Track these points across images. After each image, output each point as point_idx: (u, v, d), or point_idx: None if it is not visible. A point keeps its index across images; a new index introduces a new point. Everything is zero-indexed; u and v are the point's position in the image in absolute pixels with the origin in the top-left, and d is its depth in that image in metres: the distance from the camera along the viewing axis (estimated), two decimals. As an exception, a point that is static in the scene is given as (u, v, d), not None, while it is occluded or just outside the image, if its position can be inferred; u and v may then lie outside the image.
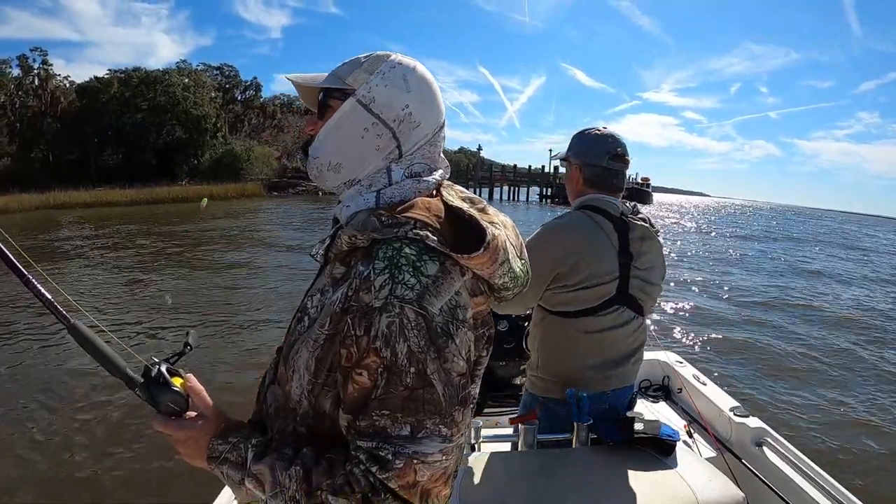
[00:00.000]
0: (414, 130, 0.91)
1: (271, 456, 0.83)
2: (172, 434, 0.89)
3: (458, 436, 0.80)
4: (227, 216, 25.07)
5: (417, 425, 0.76)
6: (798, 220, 56.97)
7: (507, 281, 0.90)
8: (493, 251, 0.84)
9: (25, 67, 46.51)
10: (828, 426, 4.95)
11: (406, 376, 0.76)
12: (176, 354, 0.95)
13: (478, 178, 59.55)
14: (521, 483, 1.51)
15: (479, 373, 0.92)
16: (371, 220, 0.83)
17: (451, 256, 0.81)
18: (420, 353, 0.76)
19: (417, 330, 0.76)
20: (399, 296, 0.76)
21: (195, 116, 47.41)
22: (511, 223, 0.99)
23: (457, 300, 0.81)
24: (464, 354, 0.81)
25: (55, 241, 16.67)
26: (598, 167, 1.85)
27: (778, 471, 2.11)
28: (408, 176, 0.92)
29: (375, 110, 0.89)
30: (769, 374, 6.23)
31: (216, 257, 13.67)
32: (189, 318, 7.84)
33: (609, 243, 1.78)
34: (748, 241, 24.33)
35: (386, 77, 0.90)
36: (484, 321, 0.89)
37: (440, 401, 0.77)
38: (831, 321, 9.12)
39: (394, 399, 0.76)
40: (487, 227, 0.84)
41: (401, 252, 0.79)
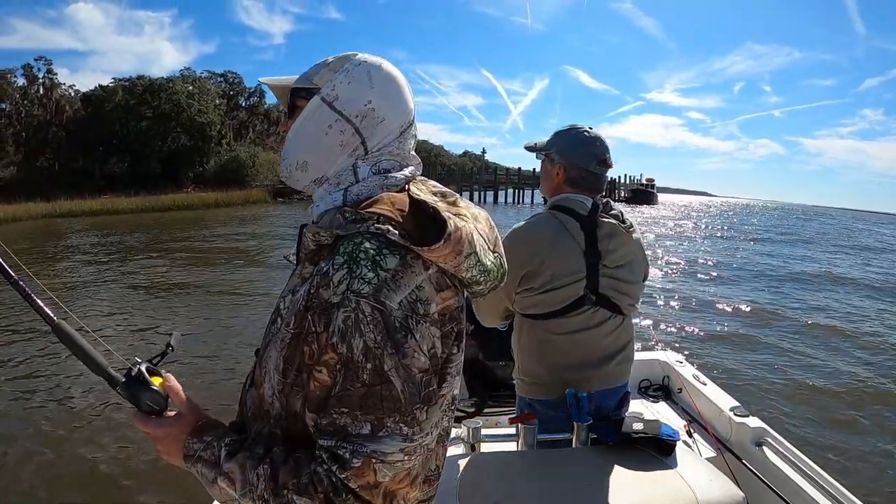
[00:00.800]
0: (378, 126, 0.91)
1: (242, 454, 0.82)
2: (151, 432, 0.90)
3: (420, 435, 0.78)
4: (232, 223, 25.15)
5: (377, 423, 0.75)
6: (805, 219, 56.47)
7: (475, 274, 0.88)
8: (456, 243, 0.82)
9: (30, 77, 46.90)
10: (828, 426, 4.92)
11: (363, 372, 0.74)
12: (158, 355, 0.96)
13: (482, 181, 59.50)
14: (520, 483, 1.51)
15: (452, 371, 0.88)
16: (336, 217, 0.83)
17: (413, 250, 0.79)
18: (377, 349, 0.74)
19: (374, 325, 0.74)
20: (355, 290, 0.75)
21: (200, 123, 47.58)
22: (485, 216, 0.97)
23: (417, 294, 0.79)
24: (425, 350, 0.79)
25: (56, 248, 16.80)
26: (584, 171, 1.83)
27: (778, 471, 2.10)
28: (375, 173, 0.91)
29: (338, 107, 0.90)
30: (770, 373, 6.20)
31: (215, 263, 13.67)
32: (179, 321, 7.83)
33: (574, 243, 1.76)
34: (755, 242, 24.19)
35: (350, 74, 0.90)
36: (451, 316, 0.86)
37: (399, 398, 0.75)
38: (832, 322, 9.07)
39: (351, 396, 0.75)
40: (449, 218, 0.82)
41: (360, 247, 0.78)
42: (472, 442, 1.82)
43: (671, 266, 14.82)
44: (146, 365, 0.92)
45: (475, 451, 1.79)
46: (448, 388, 0.87)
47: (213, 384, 5.39)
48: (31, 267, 4.20)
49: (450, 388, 0.88)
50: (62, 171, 44.30)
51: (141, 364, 0.92)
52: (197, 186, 43.64)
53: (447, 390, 0.87)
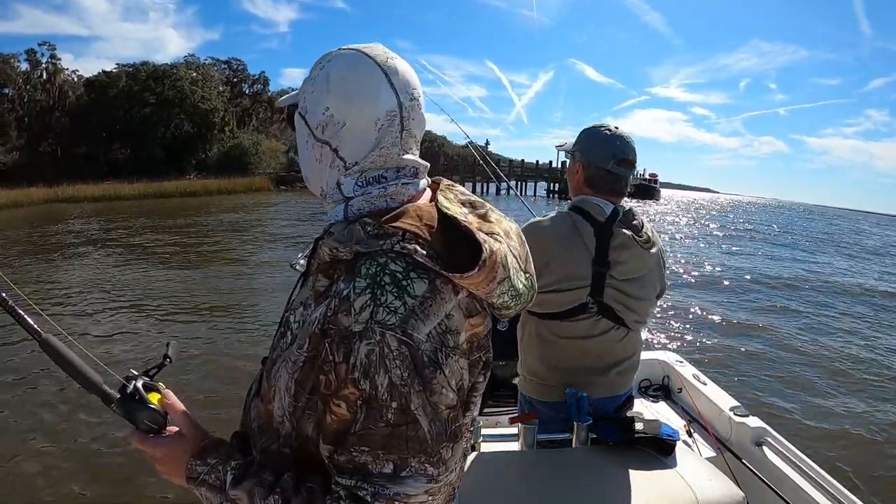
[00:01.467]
0: (341, 132, 0.82)
1: (250, 481, 0.77)
2: (150, 452, 0.85)
3: (445, 474, 0.73)
4: (234, 210, 25.13)
5: (401, 463, 0.69)
6: (809, 219, 56.26)
7: (507, 300, 0.80)
8: (491, 269, 0.74)
9: (34, 62, 46.80)
10: (828, 426, 4.92)
11: (387, 412, 0.68)
12: (155, 367, 0.92)
13: (485, 172, 59.30)
14: (520, 483, 1.52)
15: (476, 399, 0.82)
16: (356, 229, 0.76)
17: (442, 274, 0.72)
18: (403, 387, 0.68)
19: (401, 360, 0.68)
20: (380, 321, 0.68)
21: (203, 110, 47.48)
22: (516, 230, 0.89)
23: (447, 324, 0.72)
24: (454, 385, 0.73)
25: (52, 236, 16.70)
26: (601, 170, 1.79)
27: (778, 471, 2.10)
28: (363, 185, 0.83)
29: (308, 120, 0.84)
30: (770, 373, 6.20)
31: (215, 256, 13.37)
32: (177, 323, 7.56)
33: (584, 248, 1.73)
34: (760, 243, 24.15)
35: (314, 82, 0.84)
36: (480, 344, 0.79)
37: (426, 438, 0.70)
38: (833, 321, 9.07)
39: (374, 436, 0.69)
40: (485, 241, 0.74)
41: (385, 269, 0.71)
42: (472, 442, 1.82)
43: (671, 265, 14.80)
44: (142, 381, 0.87)
45: (475, 451, 1.79)
46: (470, 414, 0.81)
47: (213, 393, 5.19)
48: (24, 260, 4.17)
49: (472, 413, 0.82)
50: (65, 157, 44.29)
51: (136, 379, 0.87)
52: (200, 173, 43.64)
53: (469, 416, 0.81)
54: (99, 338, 6.75)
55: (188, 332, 7.13)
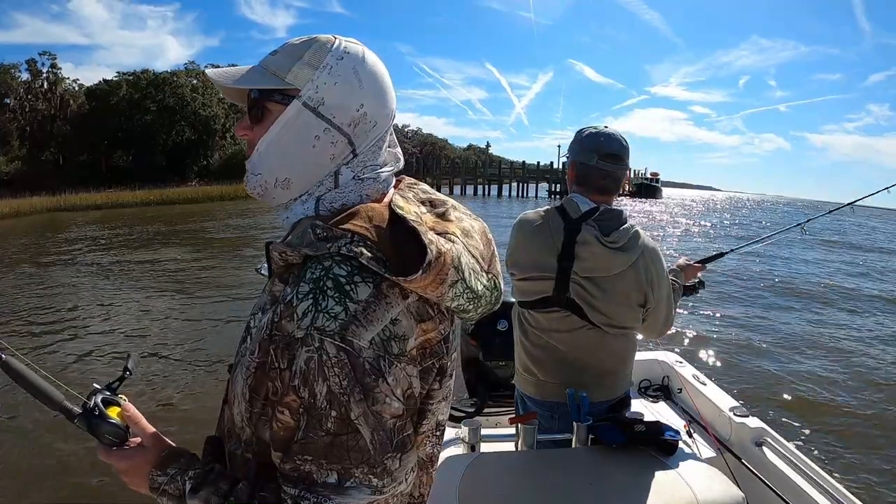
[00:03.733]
0: (370, 131, 0.80)
1: (207, 490, 0.75)
2: (114, 464, 0.85)
3: (391, 485, 0.71)
4: (235, 216, 25.16)
5: (344, 473, 0.67)
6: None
7: (462, 303, 0.77)
8: (439, 271, 0.71)
9: (34, 71, 46.99)
10: (828, 426, 4.90)
11: (326, 420, 0.67)
12: (116, 380, 0.91)
13: (487, 174, 59.52)
14: (520, 483, 1.52)
15: (433, 407, 0.80)
16: (307, 232, 0.73)
17: (388, 278, 0.69)
18: (342, 395, 0.66)
19: (339, 367, 0.66)
20: (319, 327, 0.66)
21: (204, 117, 47.69)
22: (480, 229, 0.86)
23: (392, 330, 0.70)
24: (399, 394, 0.70)
25: (57, 245, 16.76)
26: (586, 165, 1.82)
27: (778, 471, 2.10)
28: (357, 178, 0.81)
29: (326, 114, 0.77)
30: (770, 374, 6.17)
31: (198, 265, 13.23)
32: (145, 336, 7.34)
33: (551, 242, 1.78)
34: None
35: (334, 72, 0.77)
36: (433, 351, 0.76)
37: (368, 448, 0.68)
38: (833, 321, 9.05)
39: (315, 445, 0.67)
40: (431, 242, 0.71)
41: (329, 273, 0.69)
42: (472, 442, 1.82)
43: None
44: (101, 396, 0.87)
45: (475, 451, 1.79)
46: (431, 418, 0.80)
47: (188, 399, 5.09)
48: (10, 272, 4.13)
49: (434, 416, 0.81)
50: (67, 165, 44.50)
51: (97, 394, 0.87)
52: (201, 180, 43.75)
53: (430, 421, 0.80)
54: (71, 350, 6.67)
55: (168, 337, 7.09)
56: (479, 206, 39.07)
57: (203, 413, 4.55)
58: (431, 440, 0.84)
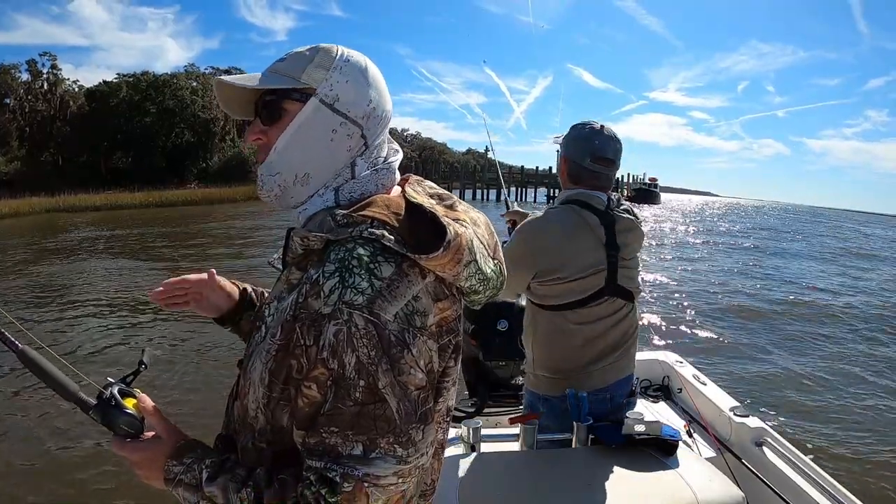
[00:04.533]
0: (379, 124, 0.88)
1: (224, 477, 0.77)
2: (128, 456, 0.86)
3: (415, 456, 0.73)
4: (232, 219, 25.14)
5: (370, 444, 0.70)
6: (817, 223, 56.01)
7: (474, 283, 0.82)
8: (456, 251, 0.76)
9: (34, 72, 46.89)
10: (828, 426, 4.91)
11: (355, 390, 0.69)
12: (131, 373, 0.92)
13: (486, 179, 59.55)
14: (520, 483, 1.52)
15: (447, 385, 0.84)
16: (326, 220, 0.78)
17: (409, 257, 0.74)
18: (370, 366, 0.69)
19: (368, 339, 0.69)
20: (348, 301, 0.69)
21: (204, 119, 47.65)
22: (484, 220, 0.91)
23: (414, 305, 0.74)
24: (422, 365, 0.74)
25: (51, 246, 16.71)
26: (578, 165, 1.87)
27: (778, 471, 2.10)
28: (371, 169, 0.87)
29: (342, 109, 0.83)
30: (770, 374, 6.19)
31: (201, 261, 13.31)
32: (158, 329, 7.52)
33: (594, 237, 1.80)
34: (757, 244, 24.09)
35: (345, 72, 0.84)
36: (449, 328, 0.81)
37: (394, 418, 0.70)
38: (834, 321, 9.06)
39: (343, 415, 0.70)
40: (449, 224, 0.77)
41: (353, 253, 0.73)
42: (472, 442, 1.82)
43: (672, 267, 14.80)
44: (118, 387, 0.88)
45: (475, 451, 1.79)
46: (443, 402, 0.84)
47: (194, 398, 5.11)
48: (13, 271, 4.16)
49: (445, 401, 0.84)
50: (66, 167, 44.38)
51: (113, 386, 0.88)
52: (201, 182, 43.73)
53: (442, 404, 0.83)
54: (82, 345, 6.75)
55: (175, 336, 7.14)
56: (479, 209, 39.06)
57: (212, 409, 4.50)
58: (443, 426, 0.86)
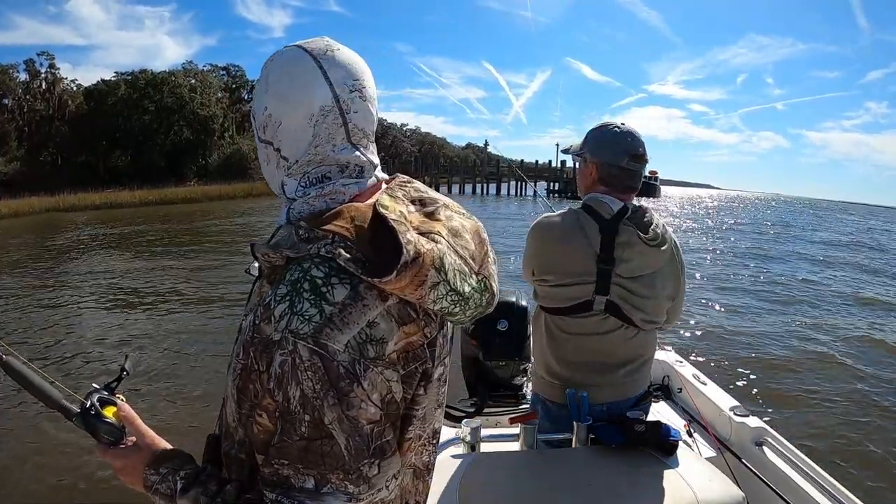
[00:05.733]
0: (279, 131, 0.80)
1: (196, 490, 0.76)
2: (111, 463, 0.87)
3: (368, 493, 0.70)
4: (236, 216, 25.12)
5: (321, 479, 0.67)
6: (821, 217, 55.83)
7: (446, 305, 0.75)
8: (417, 272, 0.69)
9: (32, 72, 46.90)
10: (828, 426, 4.90)
11: (300, 425, 0.66)
12: (114, 380, 0.93)
13: (485, 173, 59.61)
14: (520, 483, 1.52)
15: (419, 413, 0.79)
16: (291, 233, 0.73)
17: (364, 280, 0.69)
18: (315, 399, 0.66)
19: (312, 371, 0.65)
20: (294, 330, 0.66)
21: (202, 117, 47.62)
22: (472, 228, 0.84)
23: (369, 333, 0.69)
24: (376, 399, 0.69)
25: (49, 246, 16.73)
26: (616, 167, 1.78)
27: (778, 470, 2.10)
28: (304, 185, 0.80)
29: (254, 121, 0.84)
30: (770, 374, 6.17)
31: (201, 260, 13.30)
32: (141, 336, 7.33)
33: (587, 245, 1.72)
34: (760, 240, 24.03)
35: (258, 83, 0.83)
36: (415, 355, 0.75)
37: (342, 454, 0.67)
38: (834, 321, 9.05)
39: (290, 449, 0.67)
40: (409, 242, 0.70)
41: (307, 274, 0.69)
42: (472, 442, 1.81)
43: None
44: (98, 396, 0.89)
45: (475, 451, 1.79)
46: (417, 428, 0.79)
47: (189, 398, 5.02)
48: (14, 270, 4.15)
49: (424, 424, 0.80)
50: (65, 166, 44.40)
51: (94, 394, 0.89)
52: (200, 180, 43.72)
53: (416, 431, 0.79)
54: (73, 348, 6.70)
55: (167, 340, 7.06)
56: (478, 204, 39.13)
57: (206, 412, 4.50)
58: (428, 448, 0.84)
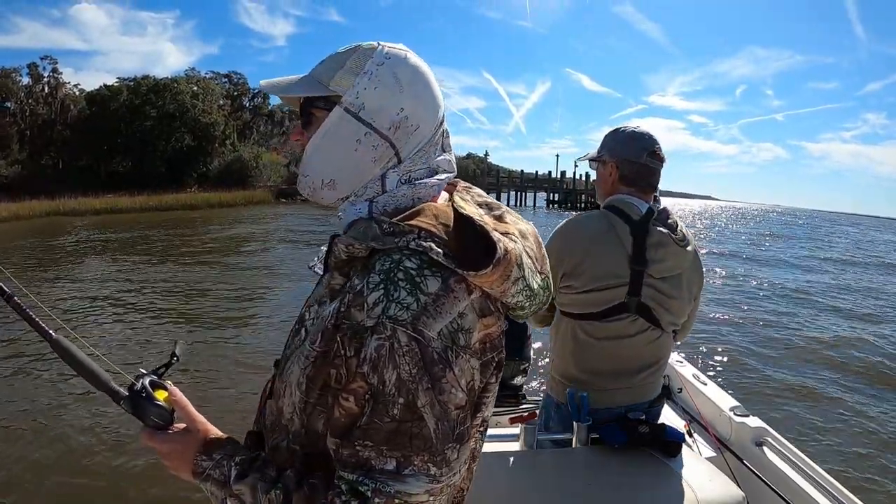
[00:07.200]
0: (413, 134, 0.82)
1: (254, 476, 0.77)
2: (158, 448, 0.86)
3: (448, 475, 0.72)
4: (235, 224, 25.13)
5: (404, 461, 0.69)
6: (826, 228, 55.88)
7: (521, 300, 0.80)
8: (506, 267, 0.74)
9: (35, 76, 46.96)
10: (829, 426, 4.91)
11: (394, 407, 0.68)
12: (163, 366, 0.92)
13: (485, 183, 59.72)
14: (520, 483, 1.52)
15: (487, 401, 0.81)
16: (372, 227, 0.76)
17: (456, 272, 0.72)
18: (411, 383, 0.68)
19: (410, 356, 0.68)
20: (392, 316, 0.68)
21: (204, 124, 47.60)
22: (532, 231, 0.88)
23: (459, 323, 0.72)
24: (464, 385, 0.72)
25: (57, 247, 16.79)
26: (637, 164, 1.80)
27: (778, 470, 2.10)
28: (404, 182, 0.83)
29: (366, 118, 0.80)
30: (770, 373, 6.19)
31: (218, 263, 13.57)
32: (186, 326, 7.71)
33: (620, 247, 1.71)
34: (760, 245, 24.09)
35: (374, 77, 0.80)
36: (493, 345, 0.78)
37: (430, 437, 0.69)
38: (834, 321, 9.06)
39: (379, 430, 0.69)
40: (499, 239, 0.74)
41: (399, 265, 0.71)
42: None
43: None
44: (149, 378, 0.88)
45: None
46: (480, 415, 0.81)
47: (223, 394, 5.18)
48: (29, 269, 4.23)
49: (482, 414, 0.82)
50: (67, 170, 44.36)
51: (144, 377, 0.88)
52: (200, 186, 43.72)
53: (479, 417, 0.81)
54: (110, 338, 6.98)
55: (197, 334, 7.30)
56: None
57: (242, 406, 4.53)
58: (477, 435, 0.84)
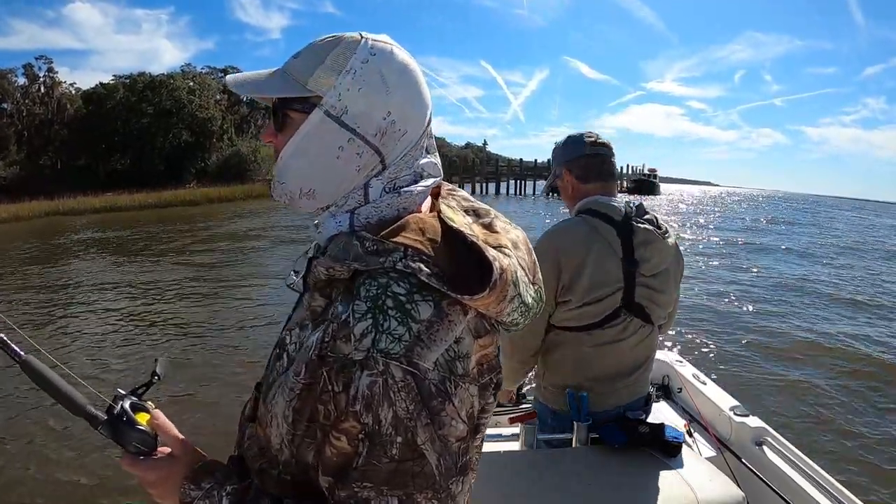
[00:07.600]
0: (400, 140, 0.74)
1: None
2: (141, 475, 0.79)
3: None
4: (233, 220, 25.10)
5: (406, 499, 0.64)
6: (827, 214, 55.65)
7: (516, 317, 0.74)
8: (502, 288, 0.68)
9: (31, 76, 46.90)
10: (828, 426, 4.90)
11: (392, 447, 0.63)
12: (143, 385, 0.86)
13: (484, 172, 59.56)
14: (520, 483, 1.52)
15: (486, 421, 0.74)
16: (353, 245, 0.68)
17: (449, 295, 0.65)
18: (409, 420, 0.63)
19: (406, 392, 0.62)
20: (383, 350, 0.62)
21: (201, 119, 47.54)
22: (523, 239, 0.81)
23: (456, 350, 0.66)
24: (464, 416, 0.67)
25: (56, 248, 16.73)
26: (581, 157, 1.81)
27: (778, 470, 2.10)
28: (388, 191, 0.75)
29: (350, 123, 0.71)
30: (770, 373, 6.16)
31: (205, 264, 13.16)
32: (164, 338, 7.34)
33: (611, 250, 1.68)
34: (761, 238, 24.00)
35: (358, 77, 0.71)
36: (490, 366, 0.72)
37: (433, 473, 0.64)
38: (834, 320, 9.04)
39: (378, 472, 0.63)
40: (495, 259, 0.68)
41: (387, 291, 0.64)
42: None
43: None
44: (129, 401, 0.81)
45: None
46: (481, 435, 0.75)
47: (206, 412, 5.00)
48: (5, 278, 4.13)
49: (482, 433, 0.76)
50: (65, 170, 44.39)
51: (123, 399, 0.81)
52: (199, 182, 43.71)
53: (480, 438, 0.75)
54: (87, 355, 6.58)
55: (181, 349, 6.95)
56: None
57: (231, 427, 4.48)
58: (477, 456, 0.81)
